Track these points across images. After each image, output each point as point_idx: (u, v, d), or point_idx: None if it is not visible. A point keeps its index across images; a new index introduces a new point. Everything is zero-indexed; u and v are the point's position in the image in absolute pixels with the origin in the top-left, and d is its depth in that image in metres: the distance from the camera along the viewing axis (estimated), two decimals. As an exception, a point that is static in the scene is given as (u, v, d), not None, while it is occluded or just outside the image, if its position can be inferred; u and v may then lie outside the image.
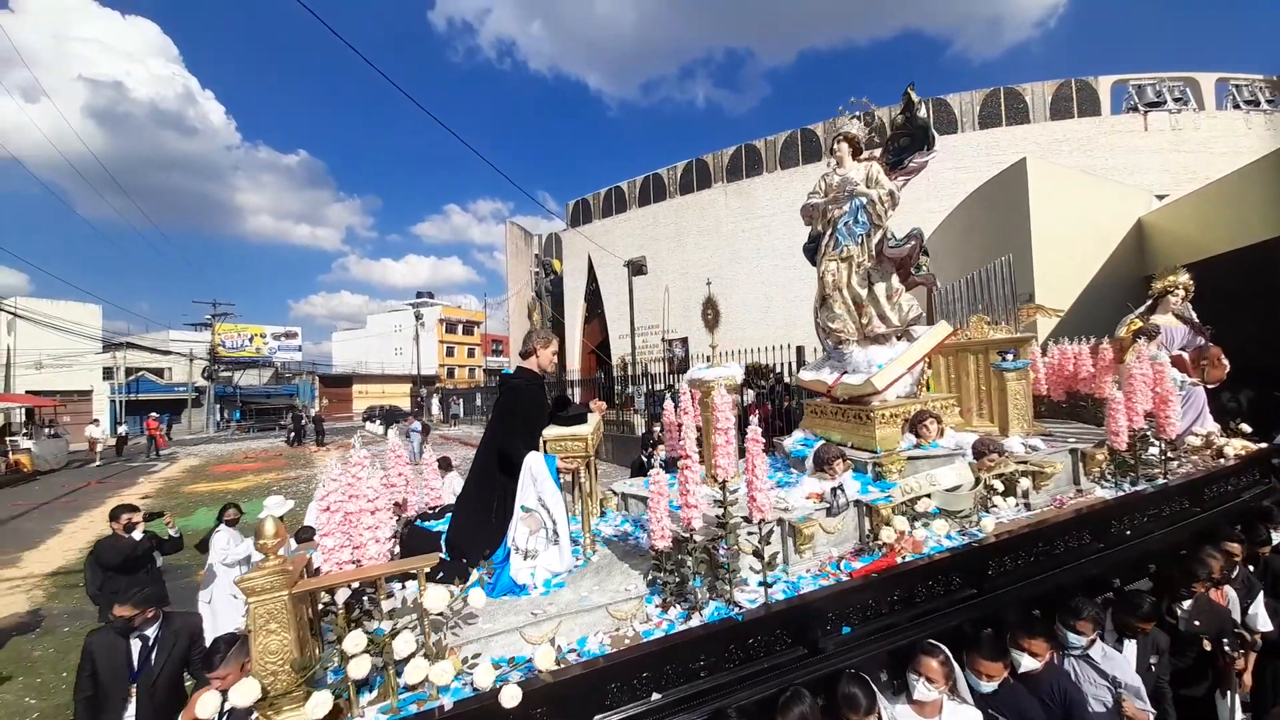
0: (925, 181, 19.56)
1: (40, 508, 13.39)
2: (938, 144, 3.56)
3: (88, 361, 27.92)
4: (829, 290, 3.79)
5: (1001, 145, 18.12)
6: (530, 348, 3.16)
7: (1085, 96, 18.77)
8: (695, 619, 2.39)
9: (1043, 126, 18.48)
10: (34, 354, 26.09)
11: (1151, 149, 17.48)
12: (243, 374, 35.82)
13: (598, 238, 26.97)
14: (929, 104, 19.74)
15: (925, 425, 3.35)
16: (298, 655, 1.88)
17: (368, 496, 2.13)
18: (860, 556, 2.83)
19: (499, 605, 2.50)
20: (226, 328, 34.76)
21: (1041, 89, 18.90)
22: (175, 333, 34.43)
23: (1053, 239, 9.45)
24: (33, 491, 15.41)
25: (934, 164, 16.00)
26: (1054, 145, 17.65)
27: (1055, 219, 9.51)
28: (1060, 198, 9.66)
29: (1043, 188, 9.70)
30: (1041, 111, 18.82)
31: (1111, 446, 3.68)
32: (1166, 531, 3.67)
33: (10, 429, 20.98)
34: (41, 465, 17.80)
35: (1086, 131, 18.00)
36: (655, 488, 2.45)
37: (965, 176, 17.48)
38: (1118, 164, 17.03)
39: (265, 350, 36.57)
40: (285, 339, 37.67)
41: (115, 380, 29.76)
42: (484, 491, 2.98)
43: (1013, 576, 3.03)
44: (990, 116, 19.21)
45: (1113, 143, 17.67)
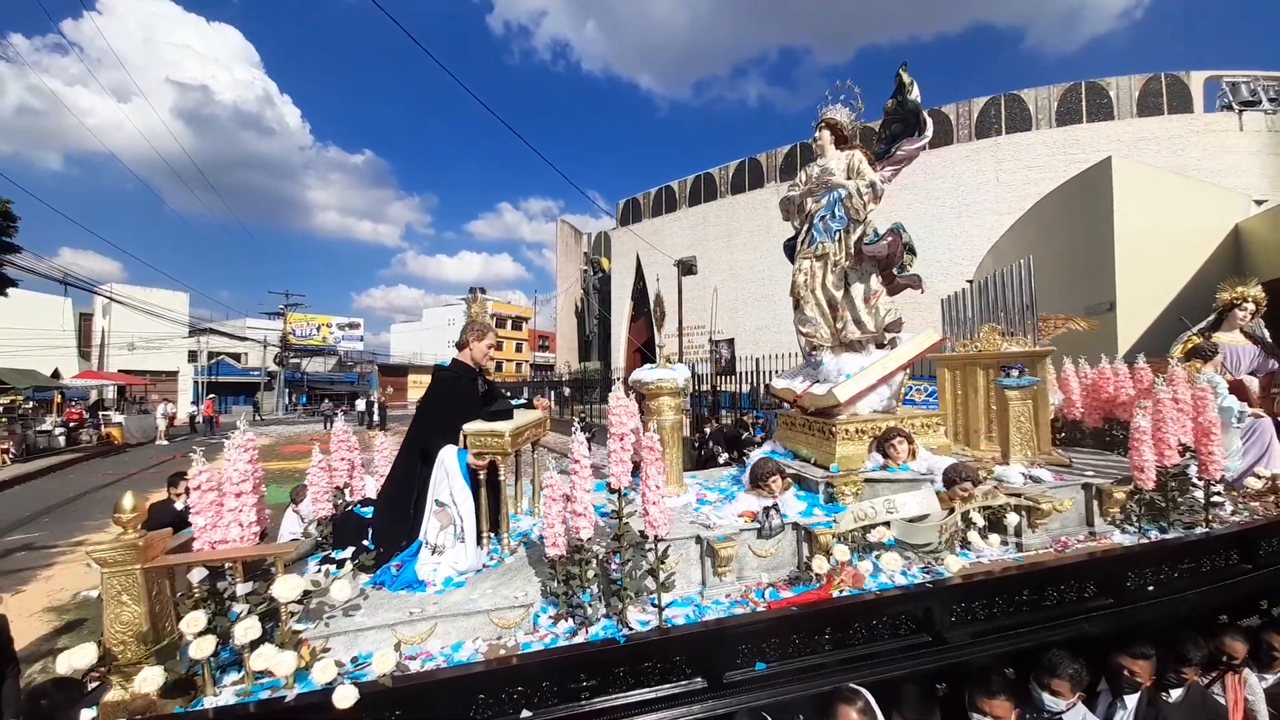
0: (994, 183, 18.37)
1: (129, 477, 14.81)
2: (930, 128, 3.11)
3: (175, 345, 31.09)
4: (801, 291, 3.44)
5: (1081, 143, 16.50)
6: (464, 339, 3.06)
7: (1176, 92, 16.82)
8: (582, 635, 2.19)
9: (1128, 123, 16.71)
10: (127, 336, 29.37)
11: (1249, 150, 15.48)
12: (310, 361, 38.71)
13: (647, 236, 26.92)
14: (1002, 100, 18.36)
15: (894, 444, 2.95)
16: (147, 629, 1.89)
17: (233, 479, 2.10)
18: (793, 586, 2.51)
19: (388, 599, 2.41)
20: (297, 317, 37.65)
21: (1128, 83, 17.06)
22: (252, 320, 37.53)
23: (1138, 245, 8.49)
24: (122, 462, 17.12)
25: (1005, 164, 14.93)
26: (1140, 144, 15.90)
27: (1142, 223, 8.55)
28: (1148, 200, 8.64)
29: (1129, 189, 8.72)
30: (1127, 107, 17.00)
31: (1136, 484, 3.11)
32: (1204, 591, 3.07)
33: (103, 404, 23.64)
34: (130, 438, 19.77)
35: (1176, 129, 16.11)
36: (549, 490, 2.27)
37: (1040, 176, 16.11)
38: (1212, 165, 15.17)
39: (331, 339, 39.31)
40: (349, 329, 40.30)
41: (199, 363, 32.94)
42: (404, 482, 2.90)
43: (983, 626, 2.61)
44: (1069, 113, 17.51)
45: (1205, 143, 15.75)
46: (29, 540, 8.46)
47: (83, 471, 15.40)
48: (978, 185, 18.23)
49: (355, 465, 3.47)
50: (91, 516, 10.48)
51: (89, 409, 22.32)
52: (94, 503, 11.72)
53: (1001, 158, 17.97)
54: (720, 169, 25.78)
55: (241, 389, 35.55)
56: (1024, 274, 3.68)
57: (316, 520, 3.16)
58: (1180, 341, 4.16)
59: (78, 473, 15.25)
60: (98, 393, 25.54)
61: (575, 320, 35.00)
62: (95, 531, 9.47)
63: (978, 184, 18.26)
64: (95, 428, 19.23)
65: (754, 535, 2.58)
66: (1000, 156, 18.00)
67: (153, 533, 2.08)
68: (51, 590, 6.35)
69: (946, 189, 18.27)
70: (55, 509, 10.99)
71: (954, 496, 2.75)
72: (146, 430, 20.91)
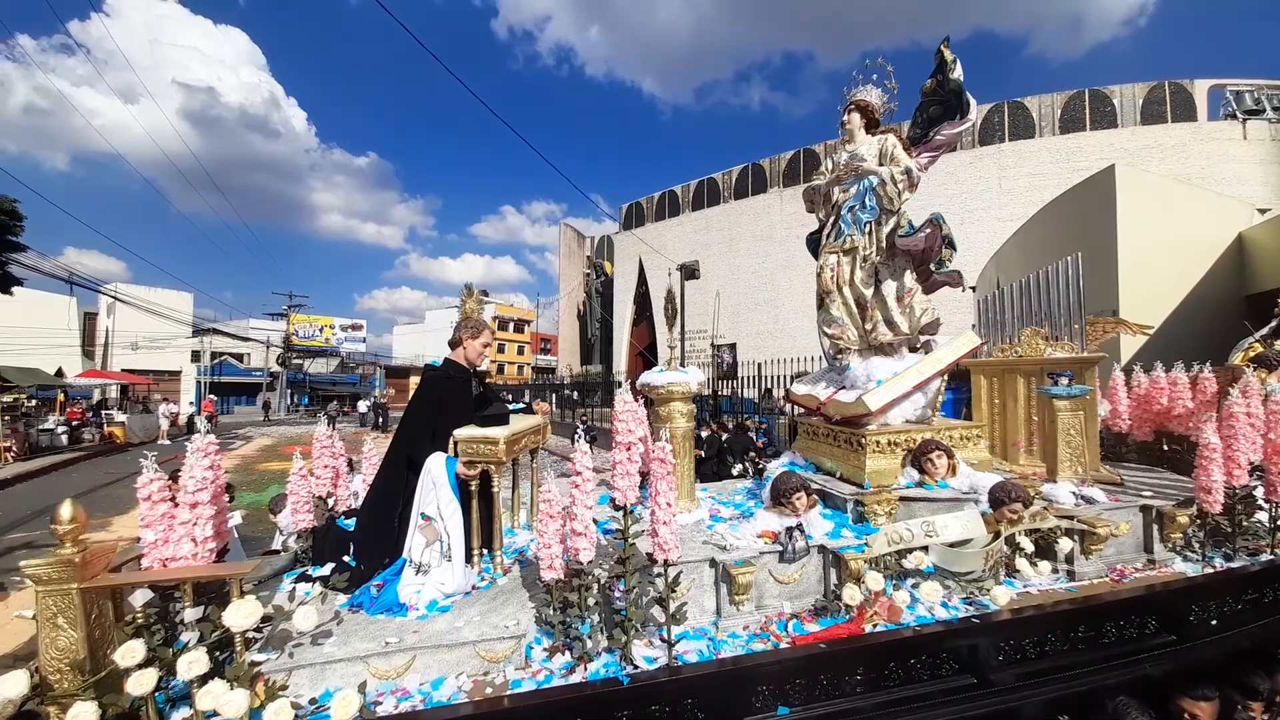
0: (997, 189, 18.18)
1: (131, 476, 14.71)
2: (974, 110, 2.84)
3: (179, 345, 30.91)
4: (827, 288, 3.15)
5: (1084, 150, 16.44)
6: (457, 337, 2.79)
7: (1180, 100, 16.71)
8: (580, 673, 1.90)
9: (1131, 131, 16.65)
10: (131, 336, 29.20)
11: (1252, 159, 15.42)
12: (312, 362, 38.52)
13: (650, 240, 26.78)
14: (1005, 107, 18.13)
15: (931, 459, 2.65)
16: (84, 657, 1.67)
17: (187, 488, 1.82)
18: (820, 618, 2.22)
19: (364, 625, 2.13)
20: (300, 318, 37.41)
21: (1132, 91, 16.95)
22: (255, 321, 37.23)
23: (1141, 252, 8.53)
24: (125, 461, 16.97)
25: (1008, 171, 14.79)
26: (1144, 151, 15.82)
27: (1145, 230, 8.58)
28: (1151, 208, 8.70)
29: (1132, 197, 8.76)
30: (1131, 115, 16.91)
31: (1201, 507, 2.80)
32: (1268, 624, 2.76)
33: (106, 403, 23.46)
34: (133, 438, 19.59)
35: (1180, 138, 16.05)
36: (546, 506, 1.99)
37: (1043, 183, 16.06)
38: (1214, 174, 15.12)
39: (333, 340, 39.12)
40: (352, 330, 40.13)
41: (201, 363, 32.72)
42: (389, 492, 2.63)
43: (1033, 666, 2.30)
44: (1072, 120, 17.40)
45: (1209, 151, 15.71)
46: (30, 539, 8.33)
47: (85, 471, 15.26)
48: (980, 192, 18.12)
49: (340, 472, 3.20)
50: (93, 515, 10.39)
51: (92, 408, 22.20)
52: (95, 502, 11.55)
53: (1005, 164, 17.89)
54: (723, 174, 25.67)
55: (244, 389, 35.38)
56: (1071, 272, 3.38)
57: (296, 533, 2.91)
58: (1241, 349, 3.85)
59: (80, 472, 15.12)
60: (101, 392, 25.40)
61: (578, 323, 34.83)
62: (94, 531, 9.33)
63: (980, 190, 18.15)
64: (98, 427, 19.05)
65: (775, 559, 2.29)
66: (1003, 163, 17.91)
67: (95, 547, 1.82)
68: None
69: (949, 195, 18.16)
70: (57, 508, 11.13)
71: (1001, 519, 2.45)
72: (149, 430, 20.75)
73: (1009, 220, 15.36)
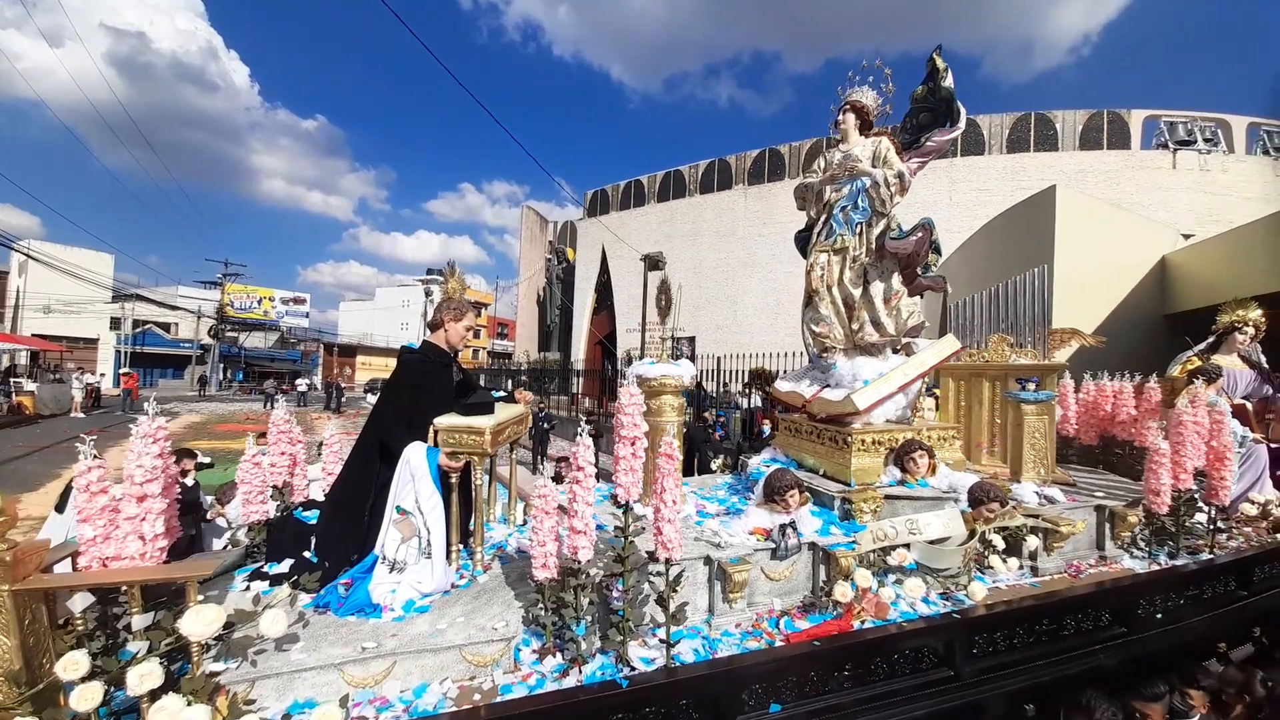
0: (947, 202, 19.05)
1: (41, 451, 13.29)
2: (963, 118, 2.91)
3: (96, 310, 27.93)
4: (816, 287, 3.17)
5: (1027, 170, 17.54)
6: (438, 319, 2.61)
7: (1116, 129, 18.08)
8: (574, 675, 1.83)
9: (1070, 155, 17.84)
10: (43, 298, 26.25)
11: (1180, 187, 16.79)
12: (249, 336, 35.86)
13: (614, 229, 26.48)
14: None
15: (913, 458, 2.73)
16: (18, 667, 1.46)
17: (135, 478, 1.61)
18: (809, 614, 2.24)
19: (335, 628, 1.96)
20: (236, 288, 34.60)
21: (1073, 117, 18.18)
22: (185, 289, 34.16)
23: (1075, 269, 9.08)
24: (34, 434, 15.33)
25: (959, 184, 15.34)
26: (1080, 175, 17.00)
27: (1079, 249, 9.17)
28: (1086, 229, 9.31)
29: (1070, 217, 9.36)
30: (1071, 140, 18.13)
31: (1149, 508, 3.02)
32: (1206, 620, 3.01)
33: (15, 371, 21.08)
34: (43, 409, 17.79)
35: (1114, 164, 17.35)
36: (541, 502, 1.89)
37: (989, 199, 17.01)
38: (1144, 200, 16.35)
39: (273, 314, 36.52)
40: (294, 304, 37.57)
41: (122, 331, 29.80)
42: (359, 483, 2.44)
43: (1004, 660, 2.42)
44: (1019, 141, 18.53)
45: (1140, 178, 17.02)
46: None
47: (-7, 440, 13.78)
48: (932, 204, 18.97)
49: (297, 460, 2.96)
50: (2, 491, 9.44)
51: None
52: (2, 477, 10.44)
53: (955, 179, 18.82)
54: (690, 167, 25.70)
55: (170, 361, 32.51)
56: (1038, 283, 3.54)
57: (248, 525, 2.67)
58: (1179, 362, 4.16)
59: (-14, 442, 13.62)
60: (9, 358, 22.73)
61: (537, 309, 34.17)
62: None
63: (932, 202, 19.00)
64: (5, 395, 17.26)
65: (767, 556, 2.28)
66: (955, 177, 18.84)
67: (26, 545, 1.59)
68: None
69: (903, 206, 18.92)
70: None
71: (978, 517, 2.55)
72: (61, 401, 18.87)
73: (958, 233, 16.10)
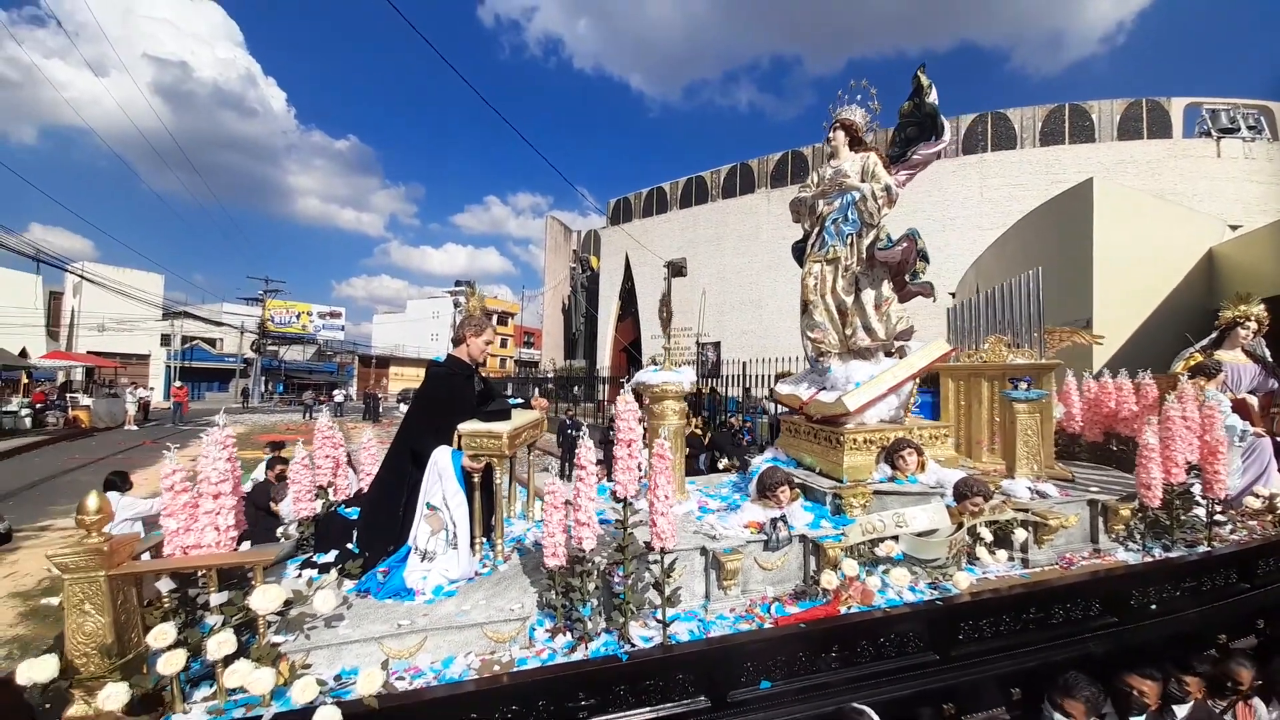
0: (978, 198, 18.66)
1: (98, 462, 14.20)
2: (948, 132, 3.06)
3: (147, 327, 29.81)
4: (810, 295, 3.36)
5: (1063, 163, 16.98)
6: (461, 335, 2.92)
7: (1156, 118, 17.38)
8: (581, 651, 2.07)
9: (1109, 146, 17.23)
10: (98, 317, 28.09)
11: (1226, 176, 16.03)
12: (288, 349, 37.64)
13: (637, 236, 26.80)
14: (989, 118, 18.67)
15: (903, 456, 2.88)
16: (112, 641, 1.72)
17: (211, 479, 1.93)
18: (799, 601, 2.42)
19: (374, 609, 2.26)
20: (276, 304, 36.40)
21: (1110, 107, 17.57)
22: (230, 305, 36.24)
23: (1116, 264, 8.77)
24: (90, 447, 16.43)
25: (991, 180, 15.17)
26: (1120, 166, 16.40)
27: (1120, 243, 8.82)
28: (1127, 221, 8.93)
29: (1109, 210, 8.99)
30: (1109, 131, 17.51)
31: (1142, 501, 3.10)
32: (1204, 611, 3.06)
33: (71, 386, 22.63)
34: (99, 422, 19.02)
35: (1155, 154, 16.66)
36: (550, 498, 2.15)
37: (1023, 194, 16.53)
38: (1188, 190, 15.70)
39: (311, 328, 38.24)
40: (330, 318, 39.27)
41: (171, 347, 31.70)
42: (394, 483, 2.75)
43: (990, 645, 2.55)
44: (1052, 134, 17.98)
45: (1183, 168, 16.32)
46: (-13, 522, 8.19)
47: (49, 455, 14.80)
48: (963, 200, 18.57)
49: (340, 463, 3.31)
50: (56, 501, 10.12)
51: (57, 390, 21.40)
52: (58, 487, 11.27)
53: (987, 174, 18.34)
54: (712, 172, 25.79)
55: (216, 375, 34.39)
56: (1033, 285, 3.65)
57: (298, 520, 3.01)
58: (1182, 358, 4.18)
59: (43, 456, 14.66)
60: (65, 374, 24.44)
61: (562, 318, 34.74)
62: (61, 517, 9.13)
63: (963, 199, 18.59)
64: (62, 410, 18.46)
65: (760, 547, 2.48)
66: (985, 173, 18.36)
67: (118, 536, 1.91)
68: (16, 575, 6.17)
69: (932, 203, 18.60)
70: (19, 492, 10.63)
71: (964, 511, 2.69)
72: (115, 415, 20.14)
73: (989, 229, 15.72)
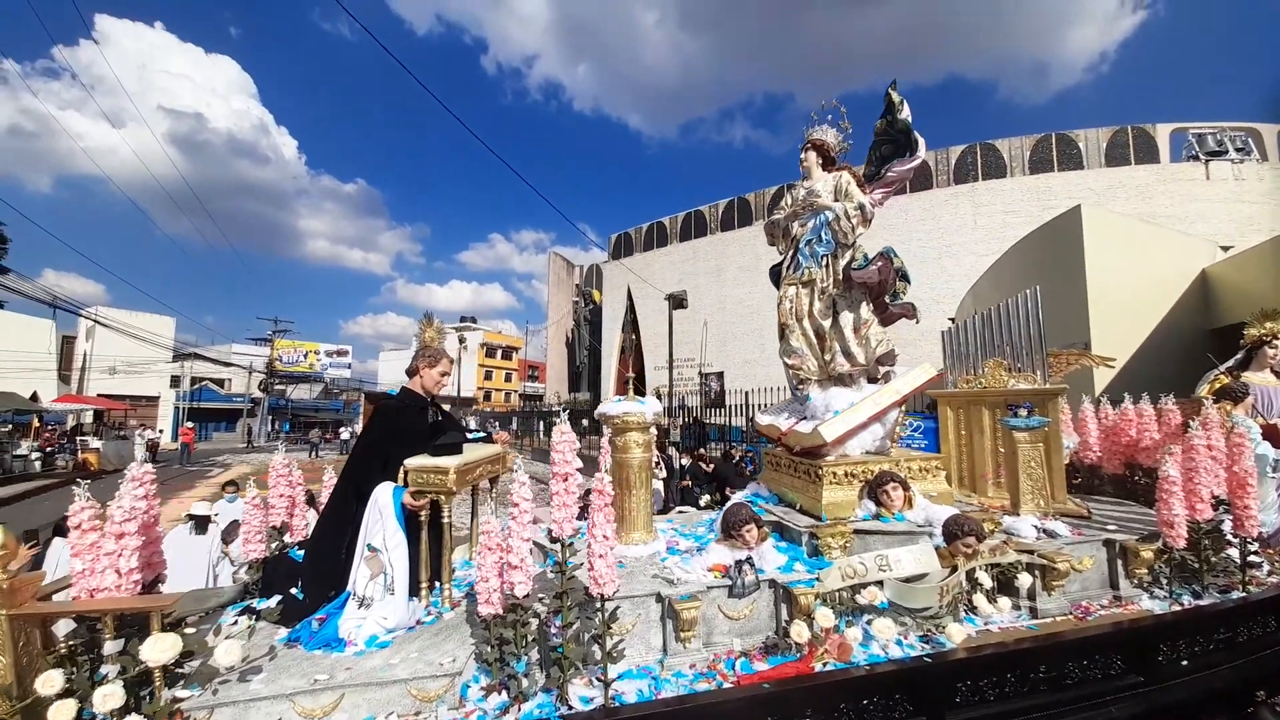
0: (972, 225, 18.83)
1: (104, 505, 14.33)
2: (922, 148, 2.95)
3: (158, 369, 30.30)
4: (787, 319, 3.20)
5: (1054, 190, 17.28)
6: (414, 366, 2.80)
7: (1142, 144, 17.74)
8: (514, 713, 1.82)
9: (1098, 172, 17.57)
10: (109, 360, 28.53)
11: (1216, 198, 16.24)
12: (295, 388, 37.97)
13: (638, 270, 27.15)
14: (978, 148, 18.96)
15: (887, 491, 2.63)
16: (10, 681, 1.67)
17: (116, 518, 1.78)
18: (770, 656, 2.16)
19: (298, 661, 2.05)
20: (284, 343, 36.96)
21: (1096, 135, 17.95)
22: (239, 346, 36.69)
23: (1110, 288, 8.89)
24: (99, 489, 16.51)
25: (984, 208, 15.37)
26: (1110, 191, 16.66)
27: (1112, 268, 8.97)
28: (1118, 246, 9.09)
29: (1099, 235, 9.17)
30: (1096, 158, 17.87)
31: (1165, 541, 2.77)
32: (1240, 665, 2.70)
33: (80, 429, 22.84)
34: (108, 464, 18.99)
35: (1144, 179, 16.96)
36: (484, 539, 1.95)
37: (1016, 220, 16.81)
38: (1180, 212, 15.90)
39: (318, 366, 38.73)
40: (337, 356, 39.81)
41: (180, 388, 32.06)
42: (337, 523, 2.57)
43: (993, 709, 2.24)
44: (1041, 162, 18.37)
45: (1173, 190, 16.58)
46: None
47: (58, 497, 14.89)
48: (957, 228, 18.89)
49: (297, 501, 3.14)
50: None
51: (65, 434, 21.62)
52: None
53: (979, 202, 18.69)
54: (710, 206, 26.36)
55: (224, 415, 34.65)
56: (1031, 305, 3.45)
57: (247, 564, 2.83)
58: (1207, 381, 3.89)
59: (53, 498, 14.74)
60: (75, 417, 24.74)
61: (565, 351, 34.88)
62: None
63: (957, 226, 18.92)
64: (71, 453, 18.51)
65: (725, 593, 2.23)
66: (978, 201, 18.72)
67: (24, 575, 1.78)
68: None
69: (928, 230, 18.96)
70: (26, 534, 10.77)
71: (956, 553, 2.43)
72: (124, 456, 20.14)
73: (985, 255, 15.93)
